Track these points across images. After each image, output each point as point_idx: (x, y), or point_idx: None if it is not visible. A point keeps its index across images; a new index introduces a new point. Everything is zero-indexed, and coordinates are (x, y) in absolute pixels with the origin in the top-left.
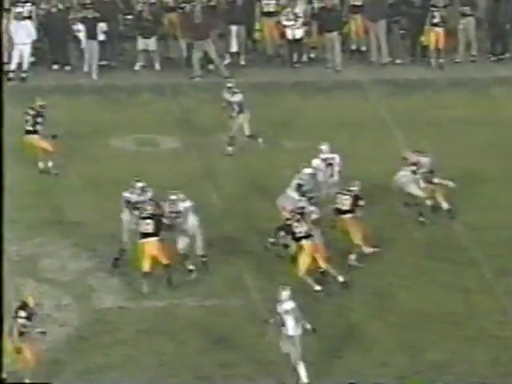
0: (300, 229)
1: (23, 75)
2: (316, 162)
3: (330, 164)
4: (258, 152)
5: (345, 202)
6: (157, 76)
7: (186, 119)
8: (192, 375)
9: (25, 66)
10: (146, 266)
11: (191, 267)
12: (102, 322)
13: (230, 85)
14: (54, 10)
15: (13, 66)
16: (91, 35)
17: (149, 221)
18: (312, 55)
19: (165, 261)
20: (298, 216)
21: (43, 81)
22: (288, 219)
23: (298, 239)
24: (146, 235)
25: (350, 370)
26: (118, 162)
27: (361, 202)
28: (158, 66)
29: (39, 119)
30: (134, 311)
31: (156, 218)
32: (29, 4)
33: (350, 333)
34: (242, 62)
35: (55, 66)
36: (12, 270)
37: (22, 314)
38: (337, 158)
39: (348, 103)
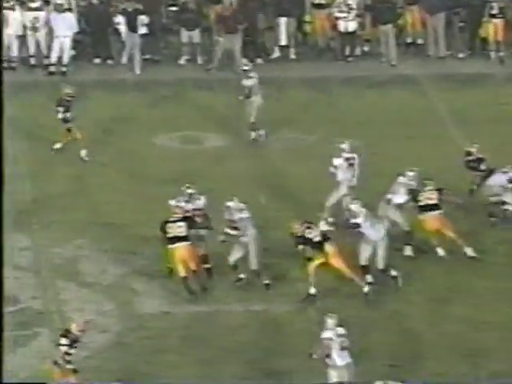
0: (314, 233)
1: (64, 69)
2: (338, 161)
3: (352, 164)
4: (309, 151)
5: (431, 196)
6: (202, 70)
7: (231, 115)
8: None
9: (65, 60)
10: (182, 271)
11: (241, 276)
12: (145, 328)
13: (245, 68)
14: (95, 1)
15: (53, 59)
16: (132, 28)
17: (181, 223)
18: (365, 49)
19: (193, 267)
20: (306, 224)
21: (84, 75)
22: (297, 232)
23: (316, 244)
24: (177, 239)
25: (404, 379)
26: (161, 161)
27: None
28: (200, 60)
29: (68, 108)
30: (178, 317)
31: (188, 221)
32: None
33: (404, 340)
34: (292, 56)
35: (97, 60)
36: (53, 273)
37: (64, 341)
38: (357, 158)
39: (403, 99)
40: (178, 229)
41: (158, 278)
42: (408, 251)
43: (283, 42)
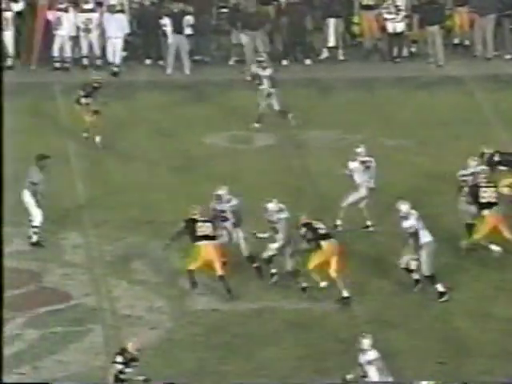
0: (320, 226)
1: (115, 69)
2: (354, 164)
3: (368, 167)
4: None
5: (492, 195)
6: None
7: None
8: (288, 382)
9: (117, 60)
10: (197, 266)
11: (274, 271)
12: (195, 325)
13: (260, 59)
14: (147, 2)
15: (112, 60)
16: (177, 29)
17: (209, 224)
18: (413, 49)
19: (218, 266)
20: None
21: (136, 76)
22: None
23: (319, 237)
24: (204, 238)
25: (451, 376)
26: (211, 160)
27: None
28: (249, 61)
29: (89, 94)
30: (228, 313)
31: (216, 221)
32: None
33: (451, 338)
34: (341, 57)
35: (148, 61)
36: (105, 271)
37: (119, 359)
38: (373, 161)
39: (450, 99)
40: (206, 229)
41: (208, 276)
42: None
43: (332, 43)
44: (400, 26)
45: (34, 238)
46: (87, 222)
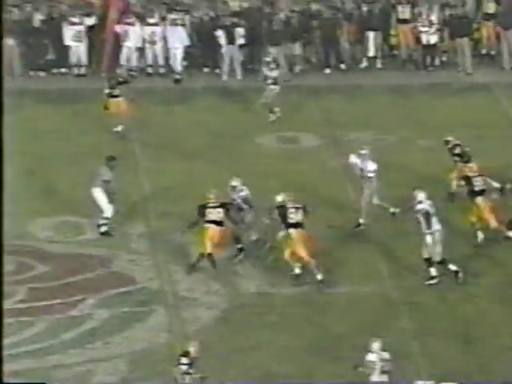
0: (294, 216)
1: (177, 77)
2: (354, 159)
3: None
4: (392, 149)
5: (482, 183)
6: (299, 78)
7: (325, 118)
8: (331, 356)
9: (178, 68)
10: (208, 248)
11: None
12: (247, 306)
13: (268, 60)
14: (205, 18)
15: (176, 68)
16: (230, 40)
17: (220, 209)
18: (444, 59)
19: (219, 250)
20: (298, 205)
21: (195, 82)
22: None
23: (289, 226)
24: (213, 222)
25: (478, 355)
26: (263, 159)
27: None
28: (297, 69)
29: (113, 86)
30: (276, 296)
31: (227, 207)
32: (183, 12)
33: (479, 318)
34: (379, 66)
35: (205, 69)
36: (166, 257)
37: (185, 360)
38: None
39: (477, 104)
40: (218, 214)
41: (259, 261)
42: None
43: (371, 53)
44: (433, 38)
45: (103, 229)
46: (151, 214)
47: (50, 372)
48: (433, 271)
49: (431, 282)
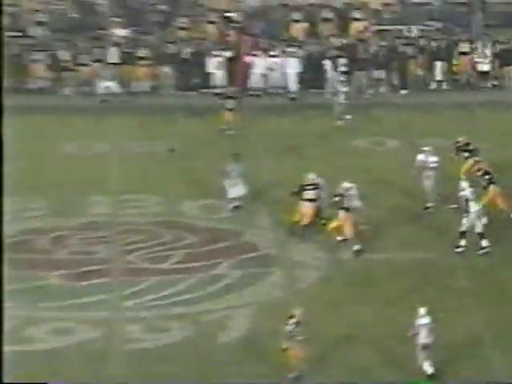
0: (346, 201)
1: (293, 96)
2: (420, 156)
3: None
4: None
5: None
6: (383, 97)
7: (404, 127)
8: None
9: (293, 89)
10: (303, 220)
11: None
12: (344, 268)
13: (342, 79)
14: (314, 51)
15: (293, 88)
16: (334, 67)
17: (313, 192)
18: (494, 83)
19: (309, 220)
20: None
21: (306, 100)
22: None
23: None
24: (307, 200)
25: (502, 321)
26: (356, 158)
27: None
28: (382, 89)
29: (228, 99)
30: (366, 261)
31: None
32: (297, 47)
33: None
34: (444, 87)
35: (313, 90)
36: (282, 232)
37: (291, 321)
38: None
39: None
40: (310, 195)
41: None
42: None
43: (438, 78)
44: (486, 67)
45: (232, 205)
46: (270, 199)
47: (198, 316)
48: (462, 242)
49: (458, 250)
